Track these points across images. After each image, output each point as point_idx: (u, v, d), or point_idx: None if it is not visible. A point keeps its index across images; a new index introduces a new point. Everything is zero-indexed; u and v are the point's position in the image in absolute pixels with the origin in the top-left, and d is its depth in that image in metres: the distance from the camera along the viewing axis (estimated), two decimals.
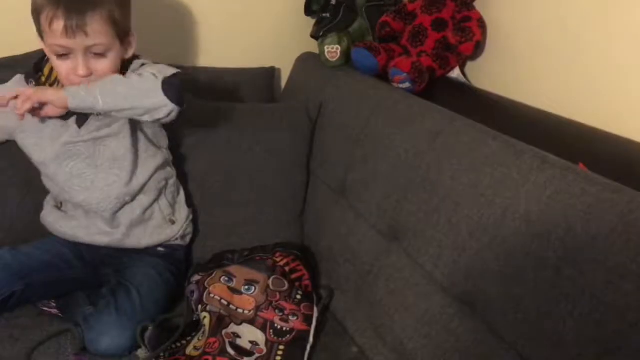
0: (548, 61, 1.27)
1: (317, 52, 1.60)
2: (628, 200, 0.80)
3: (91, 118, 1.20)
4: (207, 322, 1.12)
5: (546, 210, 0.89)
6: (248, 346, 1.09)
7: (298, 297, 1.19)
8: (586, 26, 1.18)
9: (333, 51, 1.55)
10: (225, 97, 1.54)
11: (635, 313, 0.75)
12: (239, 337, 1.10)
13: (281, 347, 1.09)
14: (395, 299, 1.11)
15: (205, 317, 1.13)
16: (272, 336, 1.11)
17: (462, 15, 1.44)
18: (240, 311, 1.14)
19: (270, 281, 1.20)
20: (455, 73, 1.46)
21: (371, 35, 1.60)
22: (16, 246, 1.21)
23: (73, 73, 1.13)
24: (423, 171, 1.13)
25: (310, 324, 1.15)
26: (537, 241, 0.88)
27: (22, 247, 1.21)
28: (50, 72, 1.21)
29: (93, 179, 1.23)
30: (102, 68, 1.15)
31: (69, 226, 1.26)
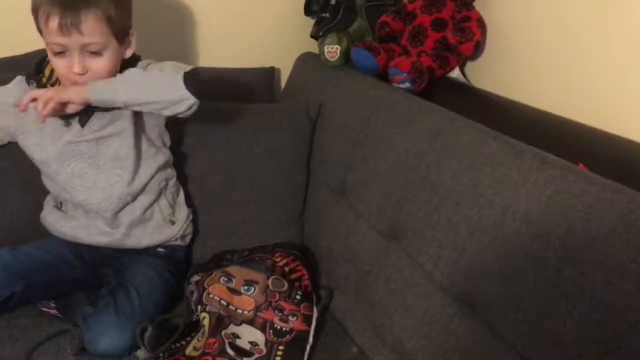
0: (548, 61, 1.27)
1: (317, 52, 1.60)
2: (628, 200, 0.80)
3: (94, 117, 1.20)
4: (207, 323, 1.12)
5: (546, 210, 0.89)
6: (247, 346, 1.09)
7: (297, 298, 1.19)
8: (586, 26, 1.18)
9: (333, 51, 1.55)
10: (225, 97, 1.54)
11: (635, 313, 0.75)
12: (239, 338, 1.10)
13: (281, 348, 1.09)
14: (395, 299, 1.11)
15: (204, 318, 1.13)
16: (272, 336, 1.11)
17: (462, 15, 1.44)
18: (239, 311, 1.14)
19: (269, 281, 1.20)
20: (455, 73, 1.46)
21: (371, 35, 1.60)
22: (16, 246, 1.21)
23: (69, 71, 1.14)
24: (423, 171, 1.13)
25: (309, 324, 1.15)
26: (537, 241, 0.88)
27: (22, 248, 1.21)
28: (51, 73, 1.21)
29: (95, 179, 1.22)
30: (98, 66, 1.15)
31: (69, 226, 1.25)
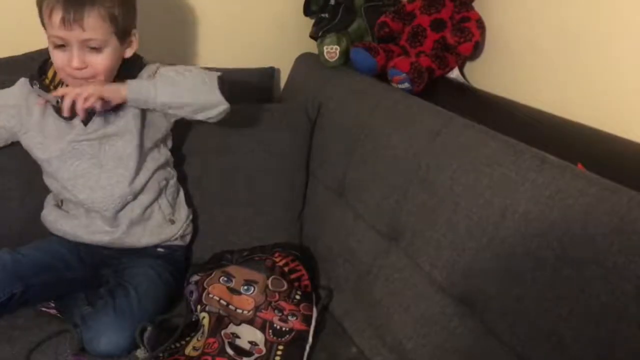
0: (547, 61, 1.27)
1: (317, 53, 1.60)
2: (627, 200, 0.81)
3: (97, 116, 1.20)
4: (206, 323, 1.12)
5: (545, 210, 0.89)
6: (247, 346, 1.09)
7: (297, 297, 1.19)
8: (584, 27, 1.18)
9: (332, 51, 1.55)
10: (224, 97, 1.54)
11: (634, 313, 0.75)
12: (238, 338, 1.10)
13: (280, 347, 1.09)
14: (394, 299, 1.11)
15: (204, 318, 1.13)
16: (271, 336, 1.11)
17: (461, 15, 1.44)
18: (239, 311, 1.14)
19: (269, 281, 1.20)
20: (454, 73, 1.46)
21: (370, 35, 1.60)
22: (16, 247, 1.21)
23: (67, 64, 1.14)
24: (422, 171, 1.13)
25: (309, 324, 1.15)
26: (536, 241, 0.88)
27: (22, 248, 1.21)
28: (54, 75, 1.22)
29: (97, 179, 1.23)
30: (97, 63, 1.15)
31: (70, 225, 1.26)
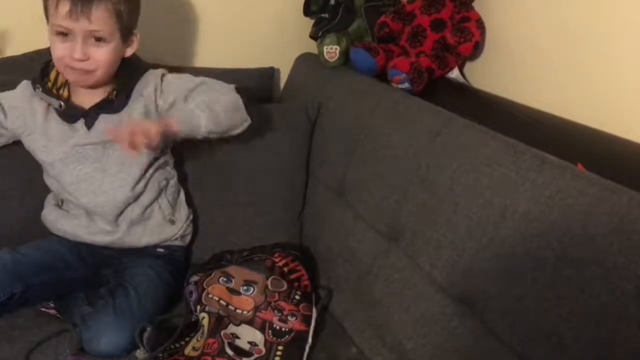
0: (547, 62, 1.27)
1: (316, 53, 1.60)
2: (626, 200, 0.80)
3: (100, 119, 1.21)
4: (206, 323, 1.12)
5: (545, 210, 0.89)
6: (247, 347, 1.09)
7: (297, 298, 1.19)
8: (584, 27, 1.18)
9: (332, 51, 1.55)
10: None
11: (634, 313, 0.75)
12: (238, 338, 1.10)
13: (280, 348, 1.09)
14: (394, 299, 1.11)
15: (203, 318, 1.13)
16: (271, 337, 1.11)
17: (461, 15, 1.44)
18: (239, 312, 1.14)
19: (269, 282, 1.20)
20: (454, 73, 1.46)
21: (370, 35, 1.60)
22: (16, 247, 1.21)
23: (69, 55, 1.14)
24: (422, 171, 1.13)
25: (309, 325, 1.15)
26: (536, 241, 0.88)
27: (22, 248, 1.21)
28: (56, 78, 1.23)
29: (100, 183, 1.23)
30: (99, 56, 1.16)
31: (70, 225, 1.26)
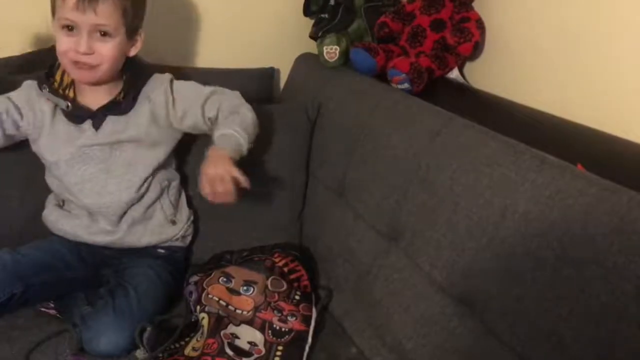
0: (547, 62, 1.27)
1: (316, 53, 1.60)
2: (626, 200, 0.81)
3: (108, 120, 1.22)
4: (206, 323, 1.12)
5: (545, 210, 0.89)
6: (247, 347, 1.09)
7: (297, 298, 1.19)
8: (584, 27, 1.18)
9: (332, 52, 1.55)
10: None
11: (634, 313, 0.75)
12: (238, 338, 1.10)
13: (280, 348, 1.09)
14: (394, 299, 1.11)
15: (203, 318, 1.13)
16: (271, 337, 1.11)
17: (461, 16, 1.44)
18: (238, 312, 1.14)
19: (268, 282, 1.20)
20: (453, 74, 1.46)
21: (370, 35, 1.60)
22: (16, 247, 1.21)
23: (74, 49, 1.15)
24: (422, 171, 1.13)
25: (308, 325, 1.15)
26: (536, 241, 0.88)
27: (22, 248, 1.21)
28: (61, 78, 1.23)
29: (104, 184, 1.24)
30: (104, 51, 1.16)
31: (70, 225, 1.26)
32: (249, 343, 1.09)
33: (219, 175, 1.11)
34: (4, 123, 1.20)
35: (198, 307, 1.16)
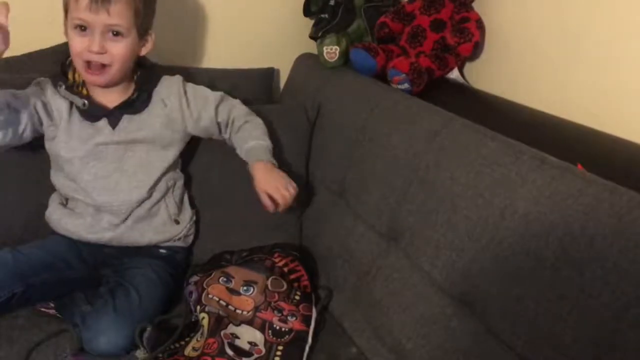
0: (546, 62, 1.27)
1: (316, 53, 1.60)
2: (626, 200, 0.81)
3: (123, 119, 1.24)
4: (206, 323, 1.12)
5: (545, 210, 0.89)
6: (247, 347, 1.09)
7: (297, 298, 1.19)
8: (584, 27, 1.18)
9: (332, 52, 1.55)
10: None
11: (633, 313, 0.75)
12: (238, 338, 1.10)
13: (280, 348, 1.09)
14: (393, 299, 1.11)
15: (203, 318, 1.13)
16: (271, 337, 1.11)
17: (461, 16, 1.44)
18: (238, 312, 1.14)
19: (268, 282, 1.20)
20: (453, 74, 1.47)
21: (370, 36, 1.60)
22: (17, 246, 1.21)
23: (87, 49, 1.16)
24: (422, 171, 1.13)
25: (308, 325, 1.15)
26: (536, 241, 0.88)
27: (23, 248, 1.21)
28: (74, 77, 1.24)
29: (117, 182, 1.25)
30: (116, 50, 1.18)
31: (73, 224, 1.26)
32: (249, 343, 1.09)
33: (274, 187, 1.21)
34: (33, 117, 1.20)
35: (198, 307, 1.16)
